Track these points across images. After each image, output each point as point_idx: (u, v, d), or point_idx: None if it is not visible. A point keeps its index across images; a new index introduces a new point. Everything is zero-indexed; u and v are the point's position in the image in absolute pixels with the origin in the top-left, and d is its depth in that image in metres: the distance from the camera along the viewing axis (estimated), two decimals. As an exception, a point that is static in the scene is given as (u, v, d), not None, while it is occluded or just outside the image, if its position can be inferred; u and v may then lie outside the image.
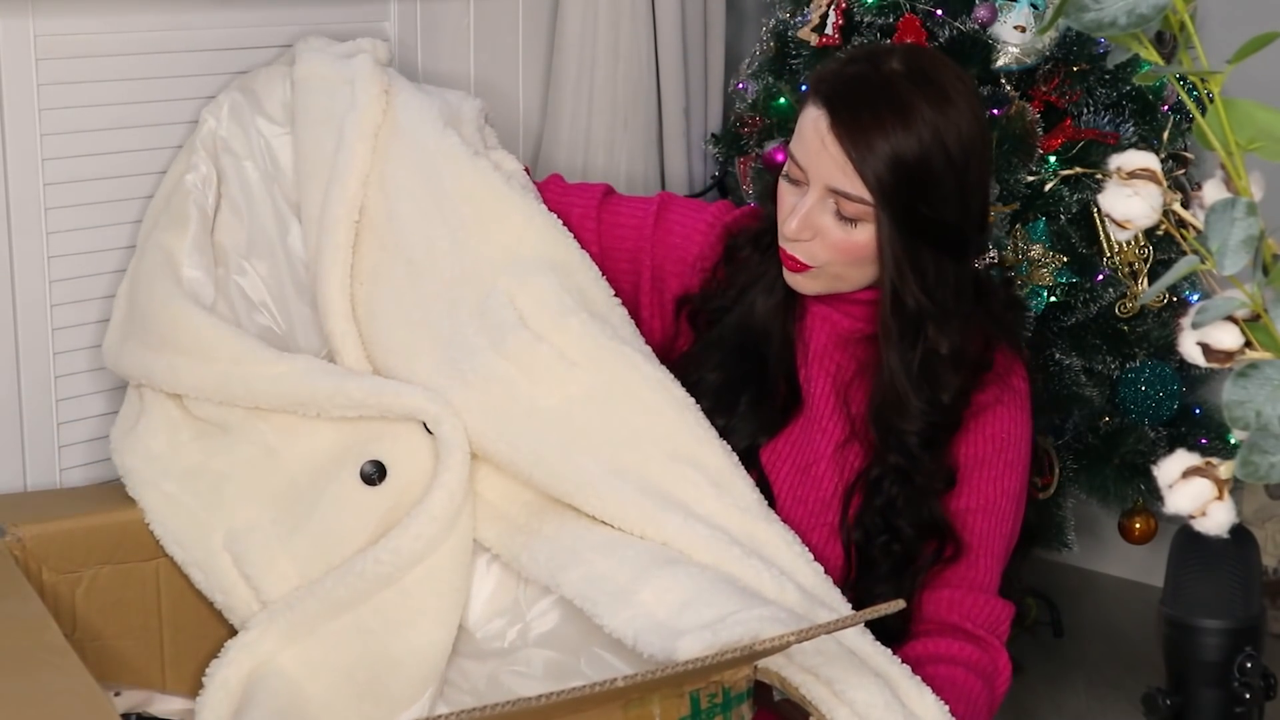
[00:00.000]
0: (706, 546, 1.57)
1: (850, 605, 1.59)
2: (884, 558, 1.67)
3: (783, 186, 1.70)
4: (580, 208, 1.90)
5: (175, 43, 1.99)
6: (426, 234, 1.80)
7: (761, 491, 1.67)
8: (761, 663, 1.37)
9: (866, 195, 1.61)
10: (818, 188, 1.64)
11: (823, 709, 1.38)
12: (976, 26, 2.40)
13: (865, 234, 1.64)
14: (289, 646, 1.62)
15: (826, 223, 1.65)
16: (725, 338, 1.78)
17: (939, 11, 2.42)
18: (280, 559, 1.66)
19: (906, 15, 2.42)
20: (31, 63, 1.85)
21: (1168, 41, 2.04)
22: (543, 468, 1.65)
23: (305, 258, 1.85)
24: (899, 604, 1.28)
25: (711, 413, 1.71)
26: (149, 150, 1.99)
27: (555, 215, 1.82)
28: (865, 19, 2.45)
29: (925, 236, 1.63)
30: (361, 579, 1.62)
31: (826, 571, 1.62)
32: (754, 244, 1.80)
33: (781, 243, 1.69)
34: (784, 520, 1.65)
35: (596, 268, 1.81)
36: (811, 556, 1.62)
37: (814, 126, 1.63)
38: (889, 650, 1.51)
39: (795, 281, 1.71)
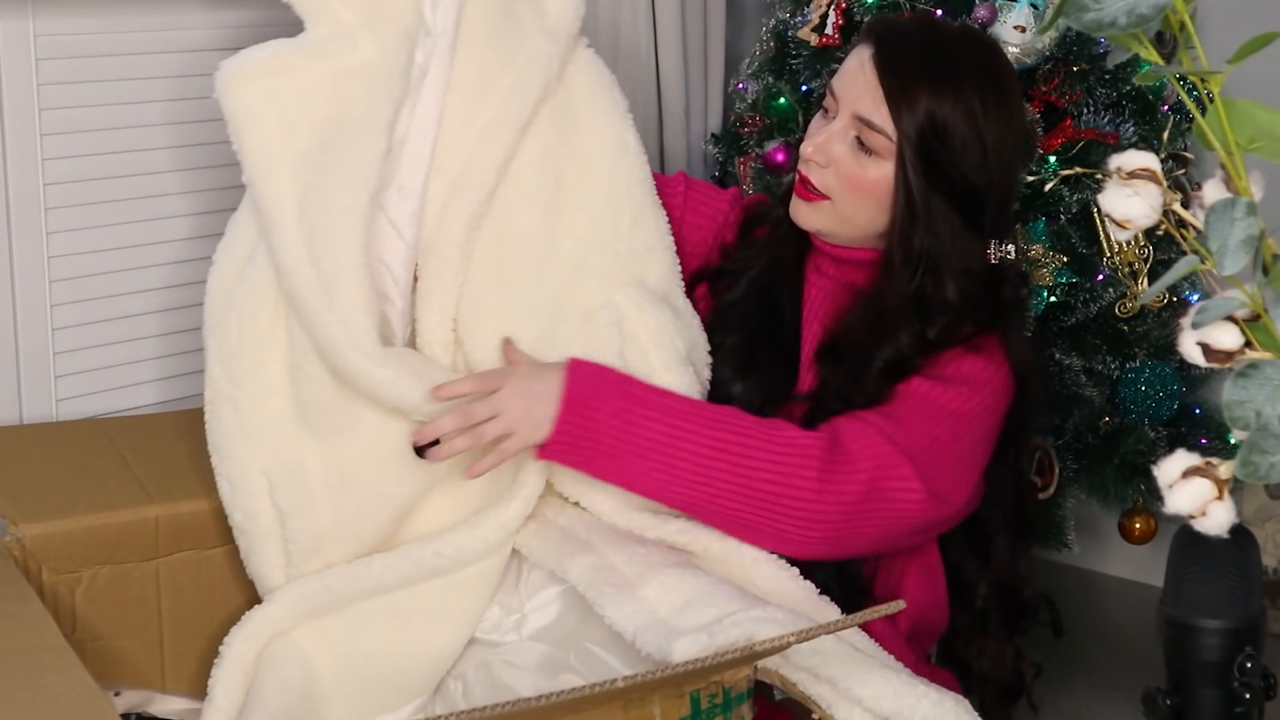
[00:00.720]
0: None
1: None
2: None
3: (815, 121, 1.76)
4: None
5: (175, 43, 1.99)
6: (579, 214, 1.71)
7: None
8: (762, 663, 1.37)
9: (890, 129, 1.67)
10: (845, 115, 1.70)
11: (826, 706, 1.38)
12: (976, 26, 2.40)
13: (879, 171, 1.69)
14: (310, 621, 1.61)
15: (843, 152, 1.70)
16: (744, 299, 1.82)
17: (939, 12, 2.42)
18: (320, 503, 1.62)
19: (906, 15, 2.42)
20: (31, 63, 1.85)
21: (1168, 41, 2.04)
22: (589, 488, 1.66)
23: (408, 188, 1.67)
24: (899, 604, 1.28)
25: (730, 380, 1.75)
26: (149, 150, 1.99)
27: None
28: (865, 19, 2.45)
29: (942, 188, 1.68)
30: (416, 568, 1.62)
31: None
32: (772, 224, 1.84)
33: (800, 165, 1.74)
34: None
35: (699, 321, 1.78)
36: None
37: (857, 58, 1.71)
38: (887, 653, 1.51)
39: (800, 212, 1.75)
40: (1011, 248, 1.73)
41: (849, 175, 1.70)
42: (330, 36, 1.63)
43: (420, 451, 1.61)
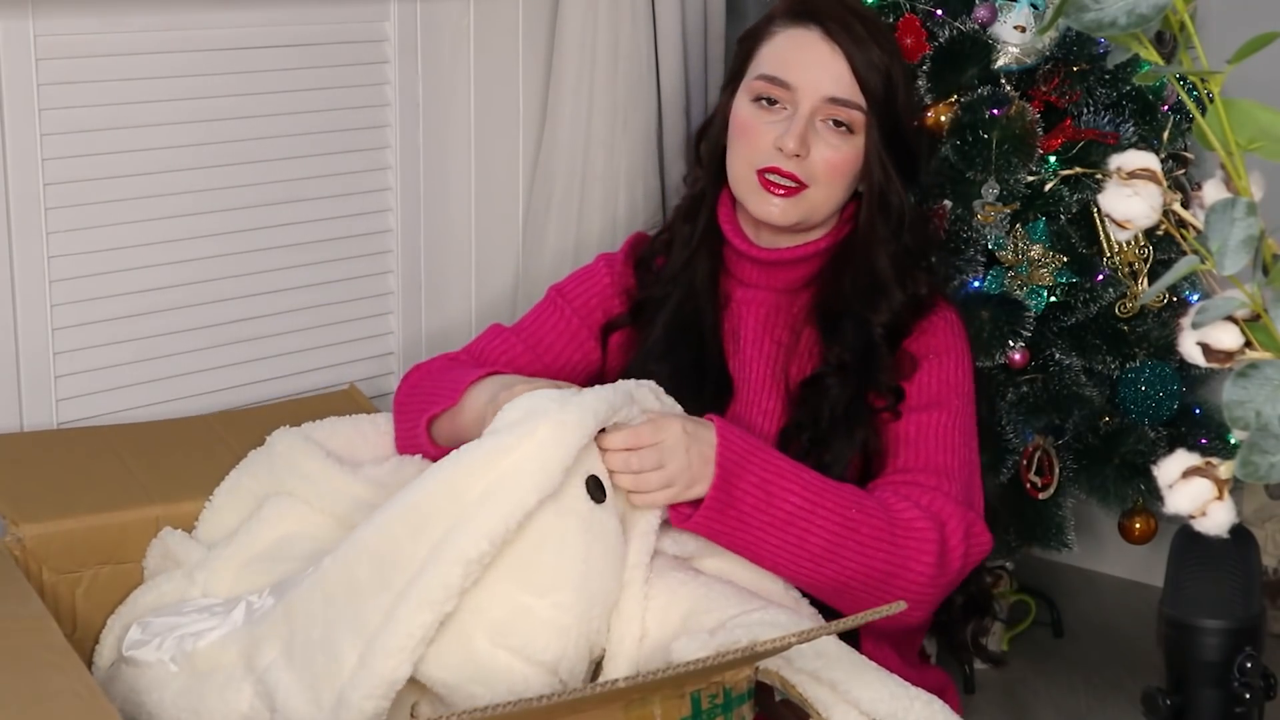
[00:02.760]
0: None
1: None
2: (804, 458, 1.63)
3: (749, 117, 1.73)
4: (517, 356, 1.85)
5: (175, 43, 1.99)
6: None
7: None
8: (765, 663, 1.37)
9: (861, 100, 1.69)
10: (811, 101, 1.70)
11: (825, 709, 1.37)
12: (976, 26, 2.40)
13: (853, 146, 1.71)
14: None
15: (816, 138, 1.70)
16: (665, 335, 1.80)
17: (939, 11, 2.42)
18: None
19: (906, 15, 2.42)
20: (31, 63, 1.85)
21: (1168, 41, 2.04)
22: None
23: None
24: (900, 605, 1.28)
25: None
26: (149, 150, 1.99)
27: None
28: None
29: (897, 148, 1.72)
30: None
31: None
32: (673, 249, 1.83)
33: (766, 163, 1.71)
34: None
35: None
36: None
37: (803, 41, 1.71)
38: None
39: (778, 209, 1.72)
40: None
41: (828, 158, 1.70)
42: None
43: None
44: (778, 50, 1.73)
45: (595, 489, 1.44)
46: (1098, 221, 2.41)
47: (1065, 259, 2.39)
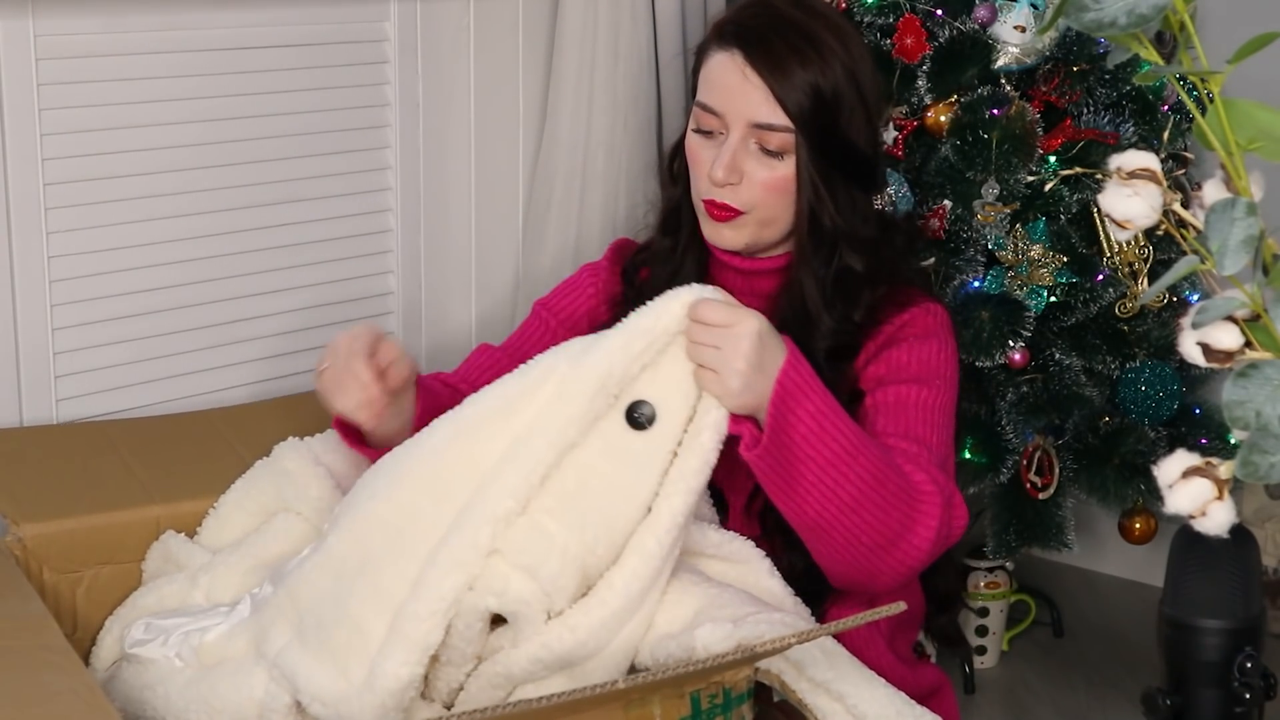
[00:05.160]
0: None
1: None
2: None
3: (695, 145, 1.72)
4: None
5: (175, 43, 1.99)
6: None
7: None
8: (773, 667, 1.37)
9: (788, 123, 1.65)
10: (739, 128, 1.67)
11: (824, 718, 1.37)
12: (976, 26, 2.40)
13: (787, 166, 1.67)
14: None
15: (751, 163, 1.67)
16: None
17: (939, 11, 2.42)
18: None
19: (906, 15, 2.42)
20: (31, 63, 1.85)
21: (1168, 41, 2.04)
22: None
23: None
24: (900, 606, 1.28)
25: None
26: (149, 150, 1.99)
27: None
28: (865, 19, 2.45)
29: (838, 164, 1.68)
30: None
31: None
32: (659, 259, 1.81)
33: (707, 195, 1.70)
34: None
35: None
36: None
37: (727, 68, 1.67)
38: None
39: (720, 235, 1.71)
40: (890, 192, 1.76)
41: (764, 182, 1.67)
42: None
43: None
44: (708, 75, 1.70)
45: (637, 417, 1.43)
46: (1098, 221, 2.41)
47: (1065, 259, 2.39)
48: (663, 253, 1.82)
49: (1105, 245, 2.41)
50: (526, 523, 1.38)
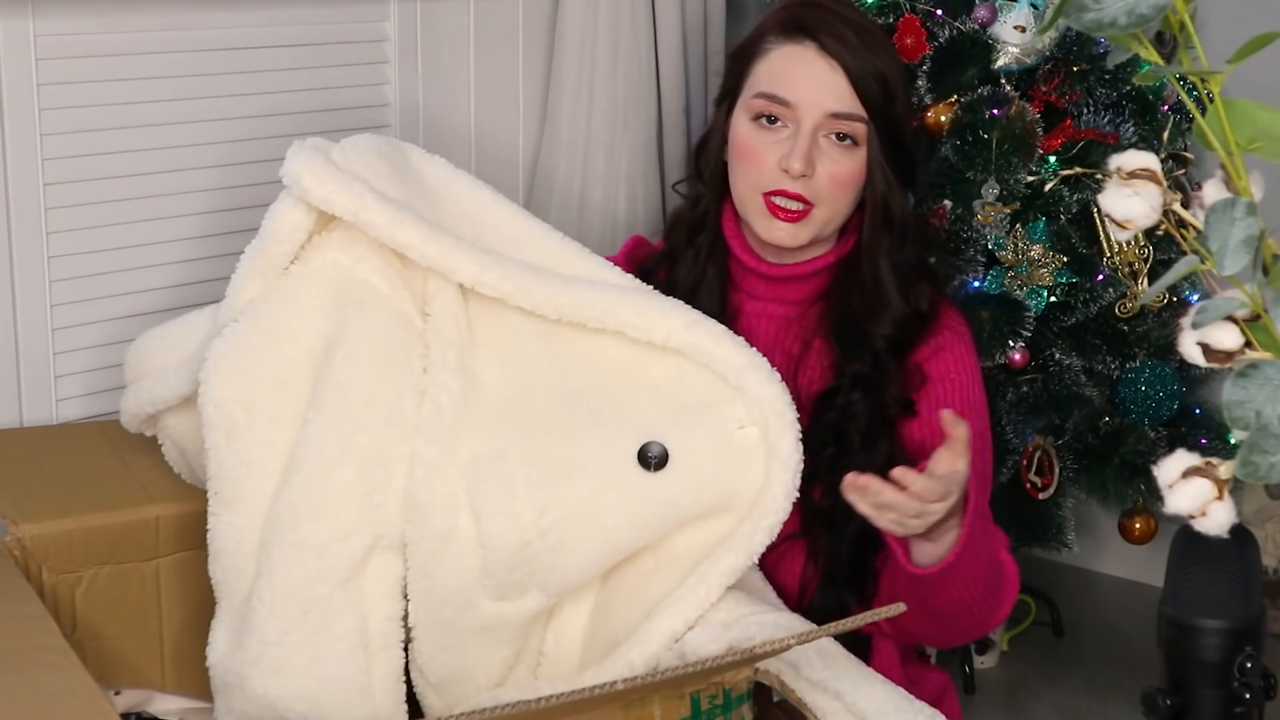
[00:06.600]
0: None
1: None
2: (828, 473, 1.62)
3: (752, 137, 1.70)
4: None
5: (175, 43, 1.99)
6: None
7: None
8: (773, 668, 1.37)
9: (864, 112, 1.67)
10: (813, 118, 1.67)
11: (823, 717, 1.37)
12: (976, 26, 2.40)
13: (857, 159, 1.69)
14: None
15: (824, 154, 1.68)
16: None
17: (939, 11, 2.43)
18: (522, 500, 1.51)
19: (906, 15, 2.42)
20: (31, 63, 1.85)
21: (1168, 41, 2.02)
22: None
23: None
24: (900, 607, 1.27)
25: None
26: (149, 150, 1.99)
27: None
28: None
29: (896, 155, 1.71)
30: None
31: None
32: (672, 261, 1.79)
33: (773, 186, 1.68)
34: None
35: None
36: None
37: (801, 58, 1.68)
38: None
39: (787, 233, 1.69)
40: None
41: (834, 174, 1.67)
42: None
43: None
44: (774, 67, 1.69)
45: (649, 459, 1.47)
46: (1098, 221, 2.41)
47: (1065, 259, 2.39)
48: (686, 257, 1.78)
49: (1105, 245, 2.41)
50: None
